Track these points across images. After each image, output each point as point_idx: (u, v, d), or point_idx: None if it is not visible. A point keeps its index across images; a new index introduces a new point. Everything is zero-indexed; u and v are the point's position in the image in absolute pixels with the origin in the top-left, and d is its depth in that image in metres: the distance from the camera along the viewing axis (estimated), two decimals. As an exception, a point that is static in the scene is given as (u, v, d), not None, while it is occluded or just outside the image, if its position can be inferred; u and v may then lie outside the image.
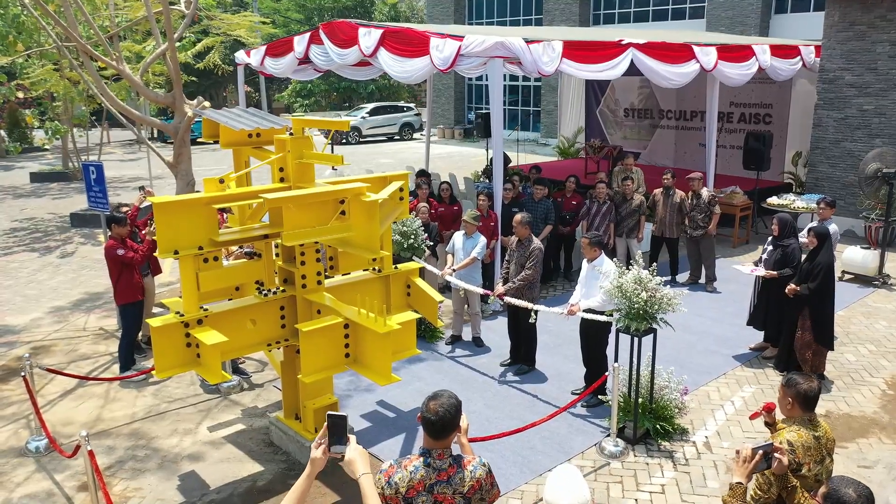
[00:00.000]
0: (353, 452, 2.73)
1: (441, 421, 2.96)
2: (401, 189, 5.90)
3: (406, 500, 2.95)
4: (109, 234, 7.59)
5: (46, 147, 27.40)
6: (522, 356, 7.68)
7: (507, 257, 7.60)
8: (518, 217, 7.35)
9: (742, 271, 8.11)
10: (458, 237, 8.16)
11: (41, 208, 17.06)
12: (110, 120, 24.16)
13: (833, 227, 8.21)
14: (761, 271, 7.68)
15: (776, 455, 3.15)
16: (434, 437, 3.00)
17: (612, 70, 9.69)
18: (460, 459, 3.03)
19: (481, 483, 3.01)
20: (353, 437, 2.79)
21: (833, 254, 7.36)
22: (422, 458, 3.01)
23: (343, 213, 5.04)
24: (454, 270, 7.95)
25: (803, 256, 7.34)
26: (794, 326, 7.18)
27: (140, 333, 8.19)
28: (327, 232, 4.83)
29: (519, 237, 7.38)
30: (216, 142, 5.92)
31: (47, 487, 5.67)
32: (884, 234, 10.77)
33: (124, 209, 7.80)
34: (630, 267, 6.04)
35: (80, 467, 5.83)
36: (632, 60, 9.82)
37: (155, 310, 8.62)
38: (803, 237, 7.56)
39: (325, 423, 2.75)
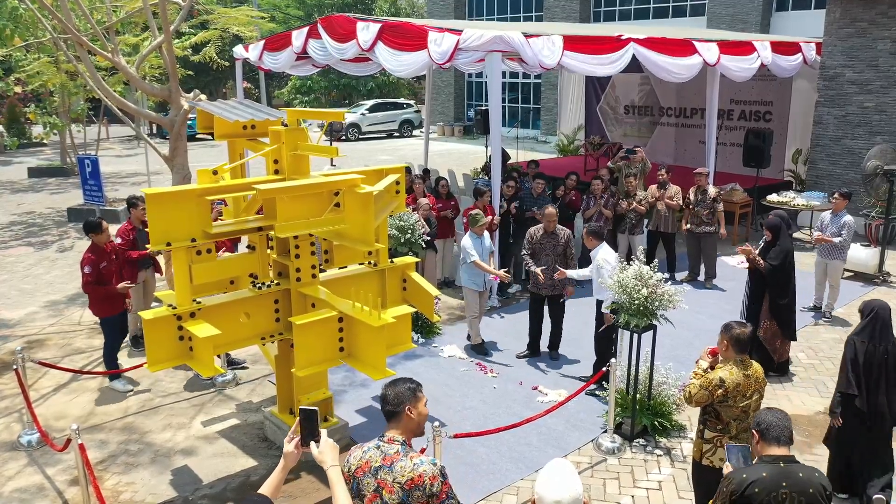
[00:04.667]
0: (324, 445, 2.83)
1: (382, 398, 3.10)
2: (397, 182, 5.86)
3: (355, 479, 2.98)
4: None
5: (45, 142, 27.36)
6: (550, 344, 7.84)
7: (530, 249, 7.65)
8: (552, 210, 7.62)
9: (729, 263, 8.21)
10: (473, 242, 7.75)
11: (39, 203, 17.00)
12: (109, 115, 24.11)
13: (848, 218, 8.53)
14: (744, 262, 7.76)
15: None
16: (387, 418, 3.09)
17: (613, 64, 9.62)
18: (409, 451, 3.01)
19: (423, 480, 2.90)
20: (324, 431, 2.88)
21: (791, 241, 7.34)
22: (375, 441, 3.06)
23: (337, 205, 4.99)
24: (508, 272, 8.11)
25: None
26: (759, 316, 7.22)
27: (137, 329, 8.13)
28: (321, 224, 4.77)
29: (548, 229, 7.55)
30: (213, 136, 5.86)
31: (39, 482, 5.62)
32: (884, 231, 10.72)
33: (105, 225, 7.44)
34: (631, 263, 6.01)
35: (72, 461, 5.77)
36: (634, 55, 9.76)
37: (155, 304, 8.56)
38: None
39: (297, 418, 2.84)
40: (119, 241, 7.76)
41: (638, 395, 6.07)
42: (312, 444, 2.83)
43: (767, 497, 3.32)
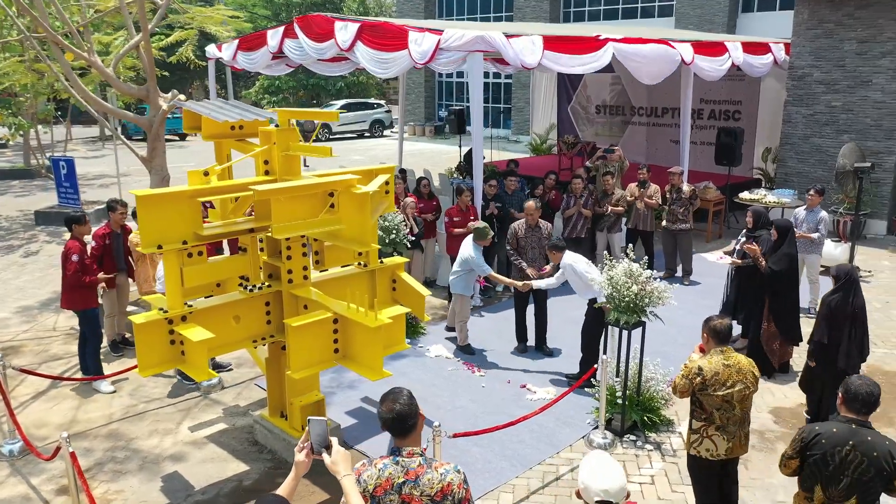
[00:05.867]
0: (336, 455, 2.84)
1: (397, 417, 2.93)
2: (386, 182, 5.83)
3: (374, 498, 2.88)
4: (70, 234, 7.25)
5: (8, 143, 26.63)
6: (537, 339, 7.93)
7: (515, 245, 7.81)
8: (531, 203, 7.83)
9: (708, 259, 8.30)
10: (477, 253, 7.63)
11: (3, 206, 16.54)
12: (74, 116, 23.57)
13: (824, 214, 8.74)
14: (727, 259, 7.86)
15: None
16: (398, 435, 2.97)
17: (593, 64, 9.70)
18: (431, 461, 2.96)
19: (452, 488, 2.90)
20: (335, 440, 2.88)
21: (796, 246, 7.47)
22: (391, 457, 2.96)
23: (332, 206, 4.95)
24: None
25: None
26: (759, 319, 7.31)
27: (115, 334, 8.01)
28: (318, 224, 4.73)
29: (532, 224, 7.77)
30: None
31: (23, 492, 5.48)
32: (853, 227, 10.99)
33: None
34: (612, 260, 6.12)
35: (58, 470, 5.65)
36: (613, 54, 9.87)
37: (130, 308, 8.41)
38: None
39: (307, 428, 2.85)
40: (93, 243, 7.63)
41: (627, 392, 6.15)
42: (325, 454, 2.85)
43: (832, 450, 3.61)
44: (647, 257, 6.10)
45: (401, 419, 2.93)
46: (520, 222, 7.94)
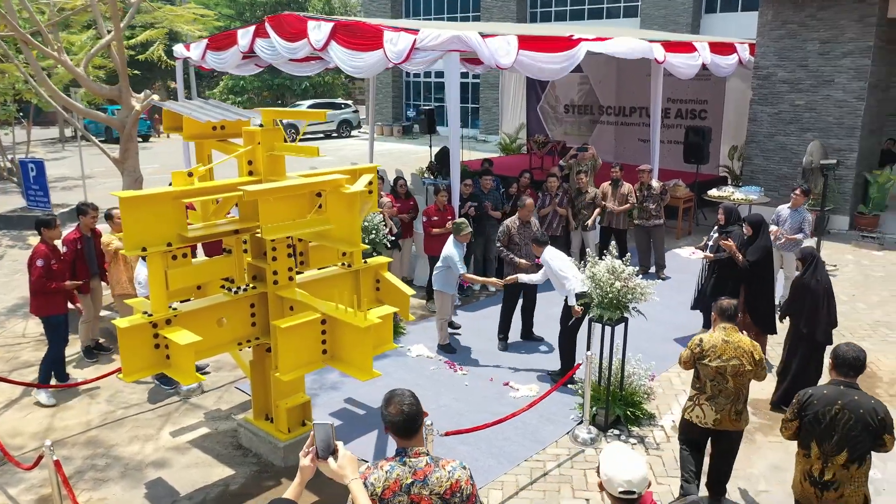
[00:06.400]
0: (343, 459, 2.75)
1: (407, 418, 2.92)
2: (370, 182, 5.83)
3: (382, 501, 2.87)
4: (41, 238, 7.10)
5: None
6: (524, 329, 8.16)
7: (506, 242, 7.99)
8: (531, 201, 8.14)
9: (681, 255, 8.44)
10: (458, 251, 7.64)
11: (-39, 210, 16.06)
12: (33, 118, 22.99)
13: (808, 215, 8.95)
14: (700, 254, 8.03)
15: None
16: (405, 436, 2.95)
17: (566, 63, 9.80)
18: (438, 459, 2.96)
19: (460, 485, 2.90)
20: (340, 444, 2.80)
21: (770, 238, 7.66)
22: (397, 458, 2.94)
23: (319, 206, 4.93)
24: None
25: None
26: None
27: (89, 339, 7.85)
28: (307, 225, 4.70)
29: (524, 220, 8.02)
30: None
31: (1, 502, 5.33)
32: (817, 223, 11.27)
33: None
34: (586, 259, 6.23)
35: (37, 480, 5.52)
36: (588, 52, 9.99)
37: (103, 313, 8.25)
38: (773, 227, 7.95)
39: (312, 432, 2.78)
40: (64, 249, 7.47)
41: (611, 387, 6.23)
42: (331, 458, 2.78)
43: (822, 408, 4.07)
44: (628, 254, 6.19)
45: (410, 420, 2.92)
46: (513, 219, 8.13)
